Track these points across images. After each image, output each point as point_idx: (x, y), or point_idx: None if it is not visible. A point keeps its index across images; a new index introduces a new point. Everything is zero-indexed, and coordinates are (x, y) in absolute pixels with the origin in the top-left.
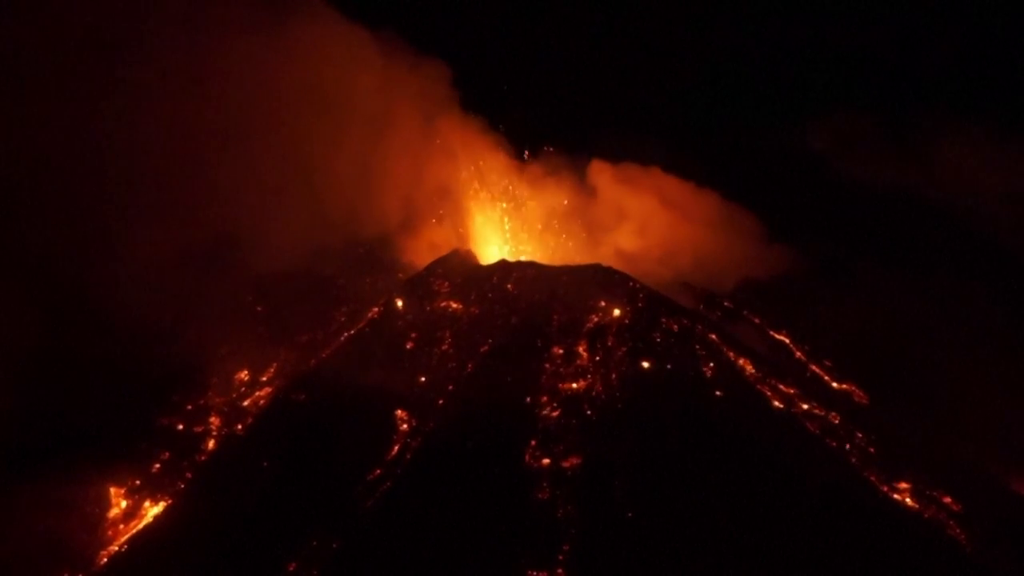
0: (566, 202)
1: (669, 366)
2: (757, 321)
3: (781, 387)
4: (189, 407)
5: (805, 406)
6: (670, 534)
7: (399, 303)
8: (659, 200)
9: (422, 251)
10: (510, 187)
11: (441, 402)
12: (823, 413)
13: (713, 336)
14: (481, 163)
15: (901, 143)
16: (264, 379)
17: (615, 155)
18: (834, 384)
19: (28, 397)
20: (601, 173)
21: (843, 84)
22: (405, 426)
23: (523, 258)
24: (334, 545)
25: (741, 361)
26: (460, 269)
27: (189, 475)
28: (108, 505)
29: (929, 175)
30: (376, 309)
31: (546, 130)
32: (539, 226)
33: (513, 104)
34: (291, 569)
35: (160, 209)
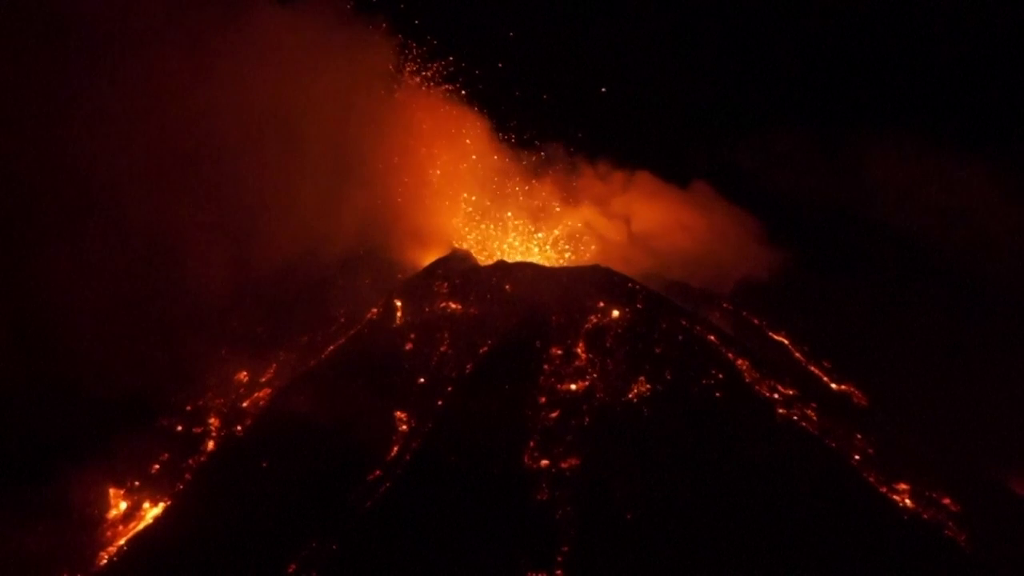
0: (560, 199)
1: (668, 367)
2: (756, 322)
3: (780, 388)
4: (188, 408)
5: (804, 407)
6: (669, 535)
7: (398, 304)
8: (658, 200)
9: (421, 251)
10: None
11: (440, 403)
12: (822, 414)
13: (712, 337)
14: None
15: (906, 144)
16: (263, 380)
17: (612, 153)
18: (833, 385)
19: (27, 397)
20: (598, 172)
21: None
22: (404, 427)
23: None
24: (334, 546)
25: (740, 362)
26: (459, 270)
27: (188, 476)
28: (108, 506)
29: (932, 175)
30: (375, 310)
31: (543, 124)
32: (532, 225)
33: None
34: (291, 570)
35: (157, 208)
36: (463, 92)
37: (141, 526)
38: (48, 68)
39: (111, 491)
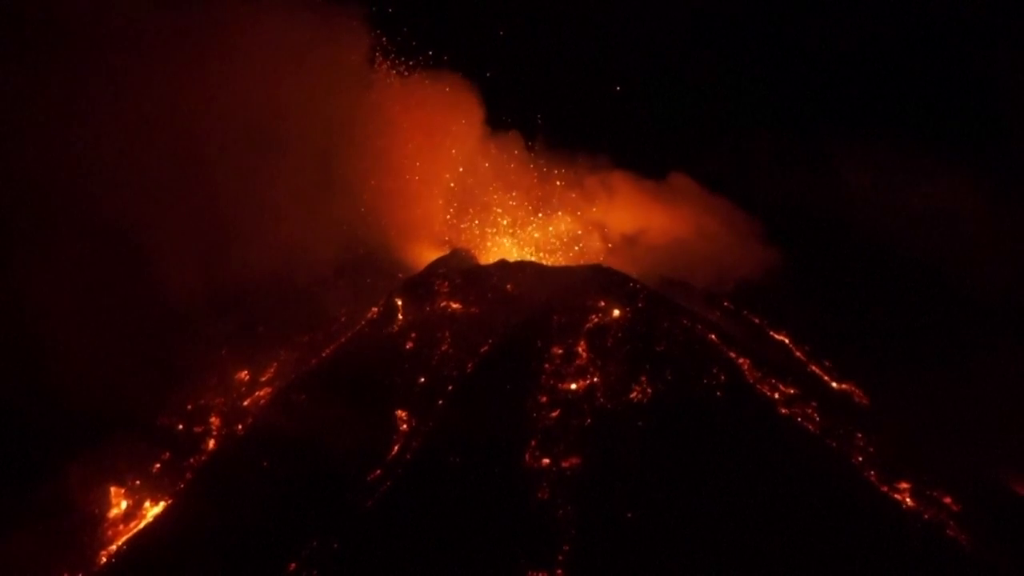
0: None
1: (668, 366)
2: (757, 321)
3: (781, 387)
4: (189, 407)
5: (805, 406)
6: (670, 534)
7: (399, 303)
8: (658, 200)
9: (422, 251)
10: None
11: (441, 402)
12: (823, 413)
13: (713, 336)
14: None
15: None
16: (264, 380)
17: (608, 152)
18: (834, 384)
19: (28, 397)
20: (598, 171)
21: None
22: (405, 426)
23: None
24: (334, 545)
25: (741, 361)
26: (460, 269)
27: (189, 475)
28: (108, 505)
29: (936, 176)
30: (376, 309)
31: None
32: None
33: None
34: (291, 569)
35: (155, 209)
36: (447, 90)
37: (142, 525)
38: (22, 75)
39: (112, 490)
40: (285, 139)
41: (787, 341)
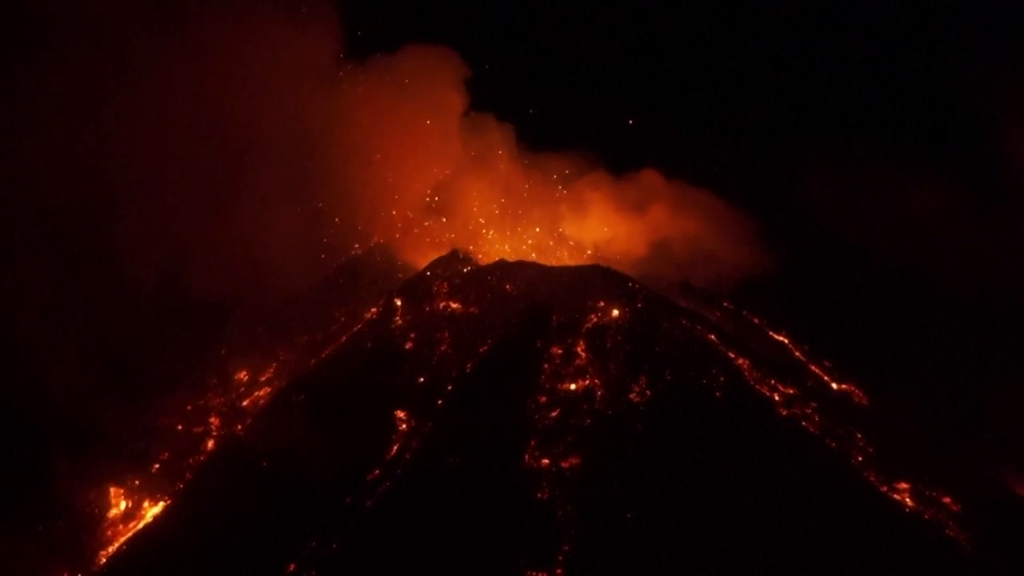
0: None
1: (668, 367)
2: (757, 321)
3: (781, 388)
4: (189, 407)
5: (805, 407)
6: (670, 535)
7: (398, 304)
8: (658, 199)
9: (421, 252)
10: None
11: (440, 402)
12: (823, 414)
13: (712, 337)
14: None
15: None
16: (263, 379)
17: (609, 151)
18: (834, 385)
19: (27, 396)
20: (597, 170)
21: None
22: (404, 426)
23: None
24: (334, 545)
25: (740, 361)
26: (459, 269)
27: (188, 476)
28: (108, 505)
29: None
30: (375, 310)
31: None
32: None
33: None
34: (291, 569)
35: (156, 210)
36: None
37: (141, 525)
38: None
39: (111, 490)
40: (270, 138)
41: (787, 341)
